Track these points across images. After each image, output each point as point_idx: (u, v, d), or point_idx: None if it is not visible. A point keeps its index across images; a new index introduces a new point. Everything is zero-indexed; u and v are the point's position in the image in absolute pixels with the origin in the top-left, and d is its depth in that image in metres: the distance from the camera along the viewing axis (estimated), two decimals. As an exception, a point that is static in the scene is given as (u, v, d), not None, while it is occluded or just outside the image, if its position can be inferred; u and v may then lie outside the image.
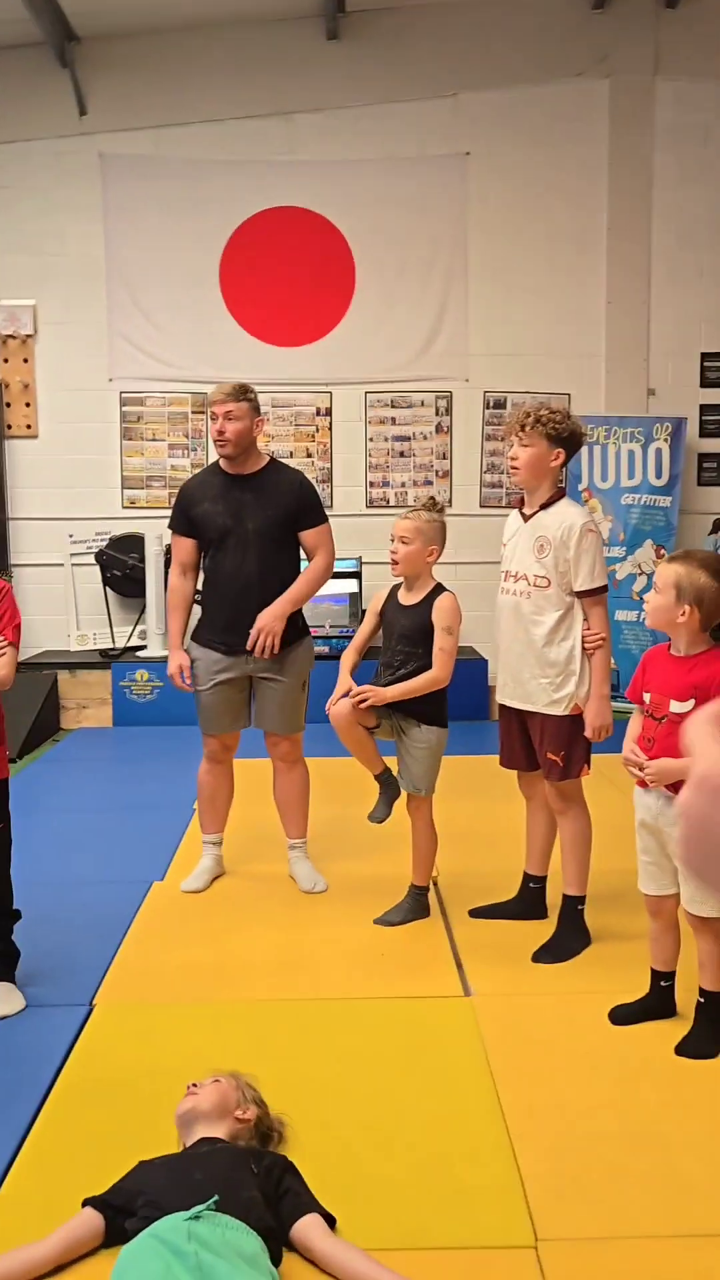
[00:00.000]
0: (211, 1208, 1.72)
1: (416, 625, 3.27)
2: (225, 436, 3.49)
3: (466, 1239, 1.90)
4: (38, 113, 7.04)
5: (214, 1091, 2.08)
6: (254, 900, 3.59)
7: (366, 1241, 1.84)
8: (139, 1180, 1.88)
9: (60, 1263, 1.81)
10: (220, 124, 7.12)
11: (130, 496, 7.33)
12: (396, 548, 3.30)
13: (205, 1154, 1.93)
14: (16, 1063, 2.53)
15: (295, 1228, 1.83)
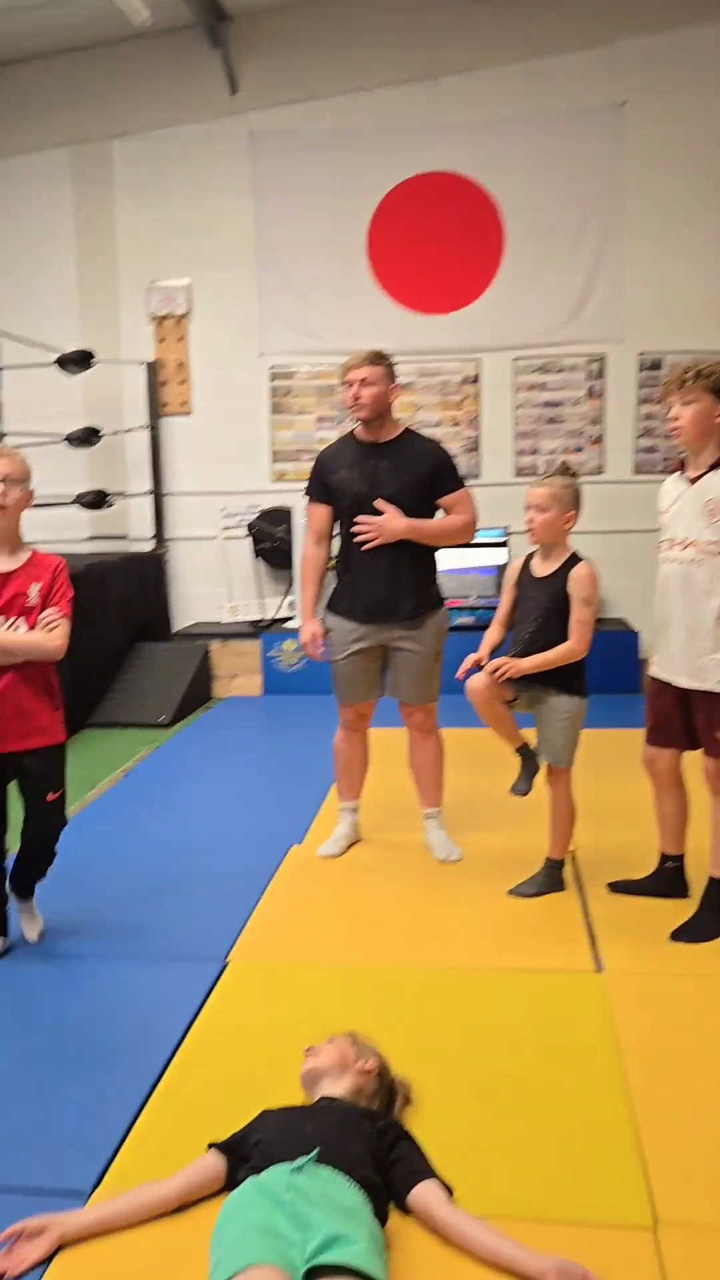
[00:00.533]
0: (313, 1160, 1.75)
1: (552, 596, 3.19)
2: (361, 401, 3.49)
3: (583, 1215, 1.86)
4: (190, 95, 7.20)
5: (332, 1050, 2.11)
6: (388, 867, 3.62)
7: (481, 1209, 1.83)
8: (258, 1129, 1.93)
9: (183, 1202, 1.88)
10: (366, 93, 7.08)
11: (279, 470, 7.46)
12: (533, 515, 3.21)
13: (321, 1108, 1.96)
14: (153, 1011, 2.63)
15: (414, 1193, 1.84)
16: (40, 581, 2.85)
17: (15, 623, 2.82)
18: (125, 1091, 2.27)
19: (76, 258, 7.48)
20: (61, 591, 2.88)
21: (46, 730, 2.89)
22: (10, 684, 2.81)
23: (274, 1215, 1.62)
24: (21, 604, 2.82)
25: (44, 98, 7.34)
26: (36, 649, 2.82)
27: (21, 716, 2.83)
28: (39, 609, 2.84)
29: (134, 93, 7.25)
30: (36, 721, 2.86)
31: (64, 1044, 2.50)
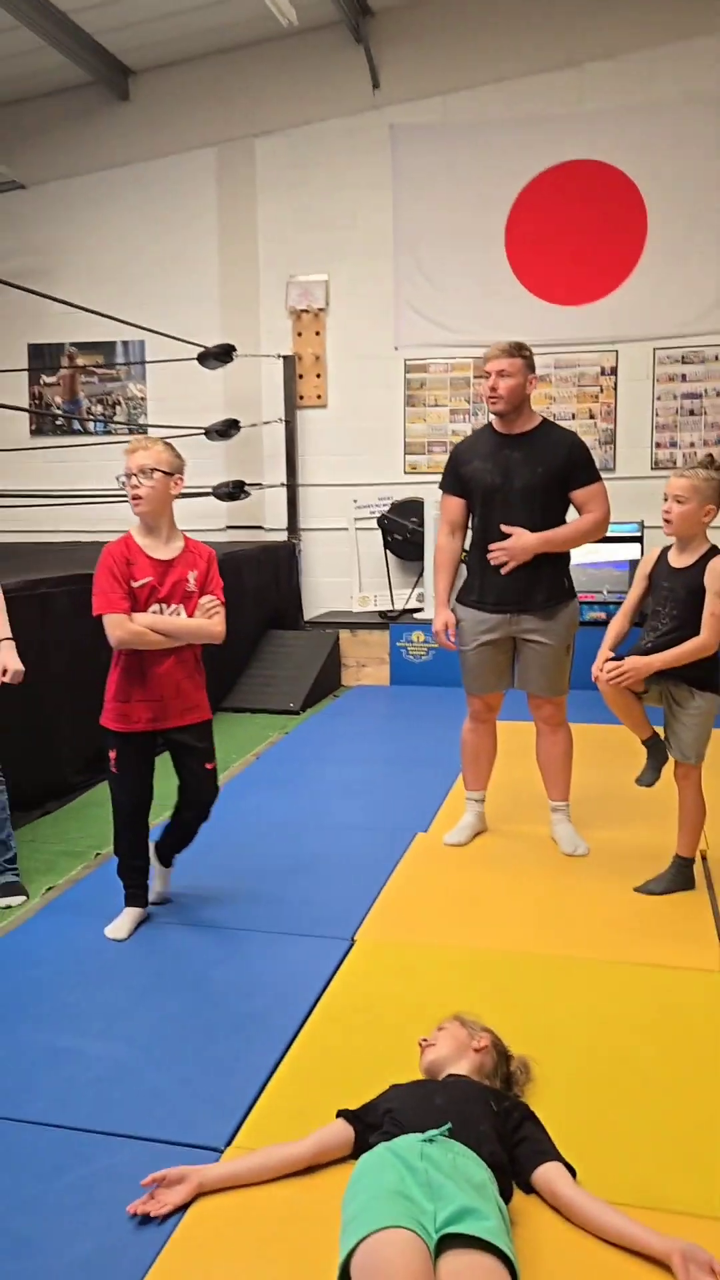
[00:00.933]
0: (445, 1133, 1.80)
1: (688, 588, 3.14)
2: (498, 393, 3.51)
3: (700, 1207, 1.87)
4: (332, 92, 7.30)
5: (446, 1037, 2.16)
6: (513, 858, 3.64)
7: (599, 1193, 1.85)
8: (388, 1100, 2.00)
9: (312, 1164, 1.96)
10: (508, 83, 7.05)
11: (411, 462, 7.52)
12: (670, 506, 3.17)
13: (449, 1084, 2.02)
14: (285, 982, 2.74)
15: (538, 1173, 1.87)
16: (197, 569, 3.03)
17: (176, 609, 2.99)
18: (257, 1056, 2.38)
19: (218, 255, 7.70)
20: (216, 579, 3.06)
21: (200, 707, 3.10)
22: (171, 666, 3.00)
23: (407, 1181, 1.68)
24: (182, 591, 3.00)
25: (191, 100, 7.58)
26: (201, 633, 3.00)
27: (180, 695, 3.03)
28: (197, 596, 3.00)
29: (277, 91, 7.41)
30: (193, 699, 3.07)
31: (201, 1008, 2.63)
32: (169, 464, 2.98)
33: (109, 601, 2.95)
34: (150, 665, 2.99)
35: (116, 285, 7.74)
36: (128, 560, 2.98)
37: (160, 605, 2.99)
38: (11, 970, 2.86)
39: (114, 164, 7.77)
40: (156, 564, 2.99)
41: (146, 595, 2.98)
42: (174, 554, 3.02)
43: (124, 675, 3.03)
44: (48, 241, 7.93)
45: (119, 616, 2.94)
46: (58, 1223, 1.86)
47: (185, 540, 3.08)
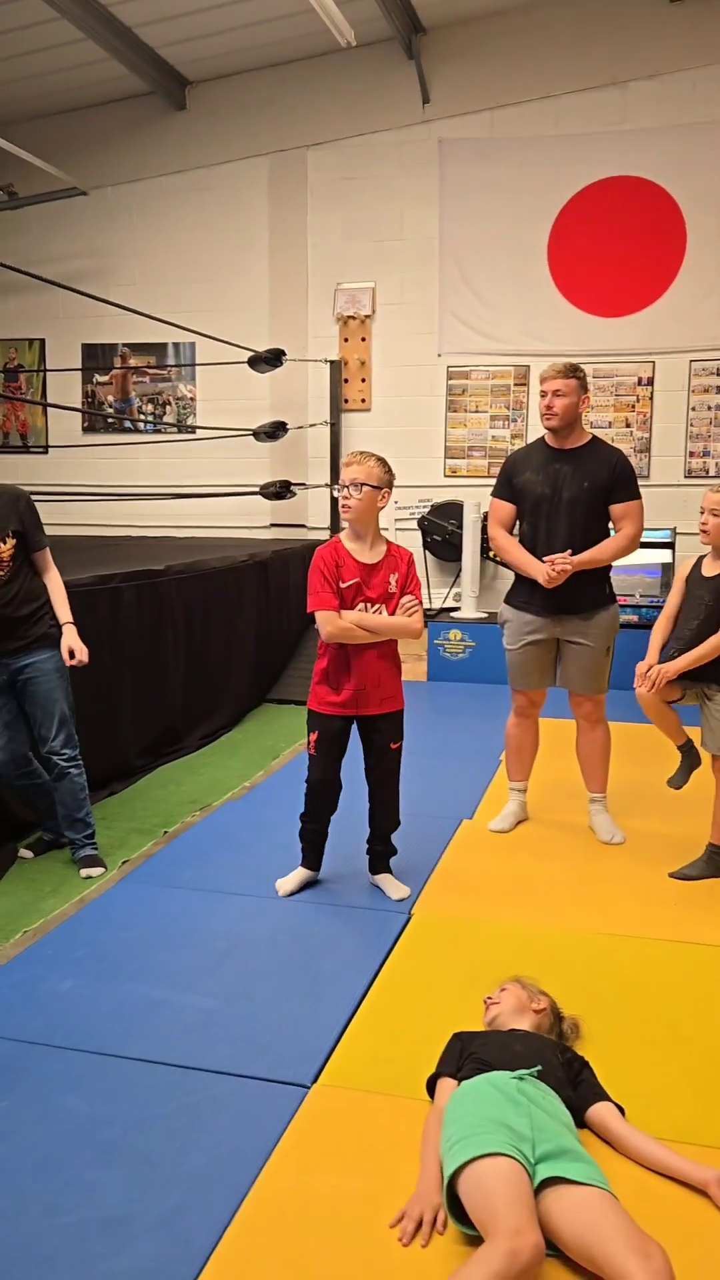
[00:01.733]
0: (534, 1074, 2.06)
1: (714, 594, 3.41)
2: (553, 410, 3.75)
3: (733, 1145, 2.13)
4: (383, 106, 7.56)
5: (508, 996, 2.42)
6: (554, 845, 3.90)
7: (644, 1130, 2.11)
8: (466, 1045, 2.24)
9: None
10: (555, 99, 7.28)
11: (452, 466, 7.77)
12: (708, 519, 3.42)
13: (522, 1035, 2.28)
14: (350, 950, 3.02)
15: (592, 1110, 2.13)
16: (397, 572, 3.32)
17: (378, 608, 3.29)
18: (332, 1010, 2.66)
19: (269, 261, 7.97)
20: (415, 580, 3.36)
21: (396, 697, 3.42)
22: (373, 659, 3.31)
23: (508, 1112, 1.92)
24: (384, 590, 3.29)
25: (246, 111, 7.85)
26: (404, 630, 3.31)
27: (380, 686, 3.34)
28: (397, 596, 3.30)
29: (330, 104, 7.67)
30: (391, 690, 3.39)
31: (277, 969, 2.91)
32: (378, 479, 3.27)
33: (321, 600, 3.26)
34: (354, 657, 3.30)
35: (169, 289, 8.04)
36: (337, 563, 3.28)
37: (365, 604, 3.28)
38: (103, 932, 3.14)
39: (170, 172, 8.06)
40: (362, 567, 3.28)
41: (353, 595, 3.27)
42: (378, 558, 3.31)
43: (331, 665, 3.34)
44: (104, 246, 8.23)
45: (329, 613, 3.25)
46: (172, 1141, 2.14)
47: (388, 545, 3.36)
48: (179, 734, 5.39)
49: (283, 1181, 2.01)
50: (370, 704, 3.34)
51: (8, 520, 3.51)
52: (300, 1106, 2.25)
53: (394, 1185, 1.99)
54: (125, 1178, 2.03)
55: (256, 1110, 2.24)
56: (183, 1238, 1.86)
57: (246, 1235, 1.87)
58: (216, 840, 3.96)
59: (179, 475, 7.89)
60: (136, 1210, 1.94)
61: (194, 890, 3.46)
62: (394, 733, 3.44)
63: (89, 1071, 2.39)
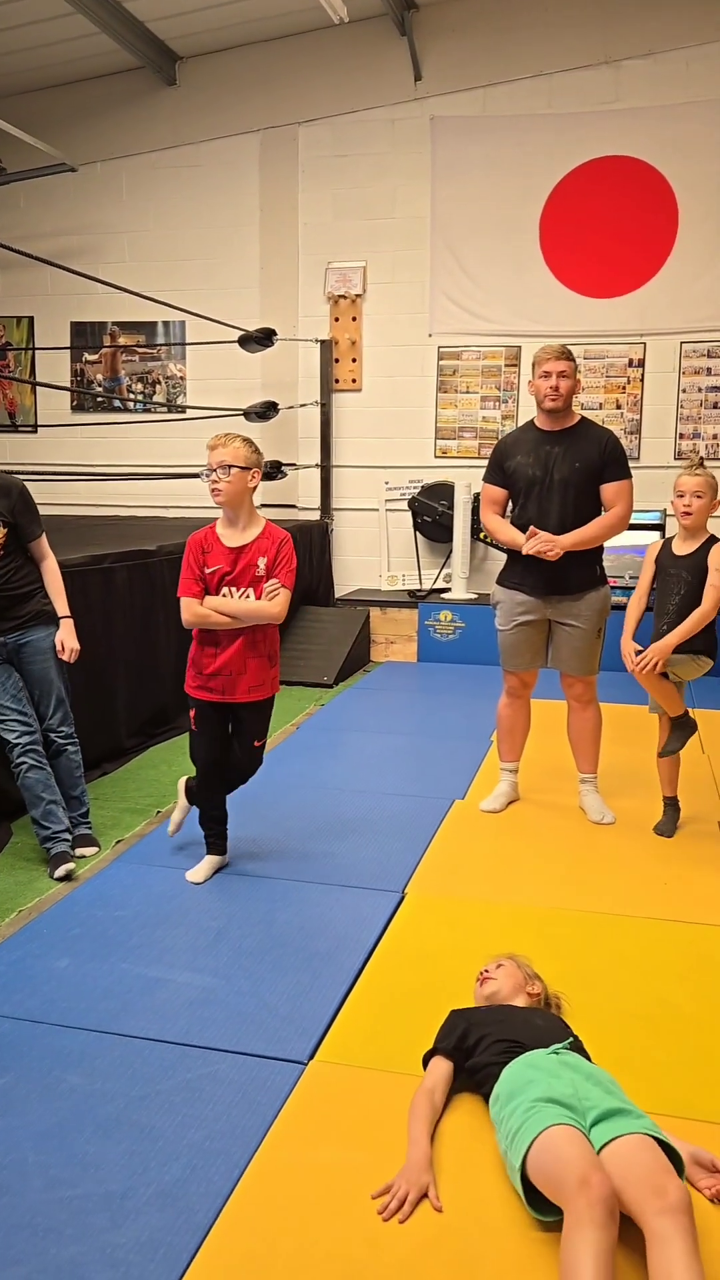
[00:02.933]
0: (568, 1046, 2.10)
1: (695, 570, 3.54)
2: (560, 392, 3.75)
3: (724, 1118, 2.17)
4: (375, 82, 7.50)
5: (507, 974, 2.45)
6: (545, 824, 3.94)
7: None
8: (469, 1024, 2.24)
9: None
10: (547, 77, 7.24)
11: (442, 446, 7.76)
12: (690, 502, 3.55)
13: (529, 1011, 2.30)
14: (345, 929, 3.05)
15: None
16: (267, 555, 3.27)
17: (245, 592, 3.25)
18: (328, 988, 2.69)
19: (259, 239, 7.92)
20: (284, 563, 3.28)
21: (264, 685, 3.36)
22: (240, 647, 3.27)
23: (555, 1088, 1.94)
24: (251, 574, 3.25)
25: (236, 86, 7.77)
26: (259, 615, 3.25)
27: (247, 674, 3.30)
28: (266, 579, 3.25)
29: (322, 80, 7.60)
30: (258, 679, 3.33)
31: (272, 948, 2.94)
32: (246, 459, 3.23)
33: (183, 586, 3.27)
34: (222, 643, 3.28)
35: (159, 266, 7.98)
36: (204, 549, 3.27)
37: (229, 589, 3.25)
38: (98, 911, 3.17)
39: (160, 148, 7.98)
40: (229, 551, 3.26)
41: (218, 580, 3.25)
42: (247, 540, 3.27)
43: (198, 648, 3.34)
44: (93, 222, 8.15)
45: (187, 600, 3.26)
46: (172, 1115, 2.17)
47: (265, 526, 3.33)
48: (170, 714, 5.39)
49: (282, 1155, 2.05)
50: (237, 691, 3.30)
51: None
52: (298, 1082, 2.28)
53: (391, 1159, 2.02)
54: (126, 1152, 2.06)
55: (255, 1086, 2.27)
56: (183, 1210, 1.89)
57: (246, 1207, 1.90)
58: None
59: (169, 455, 7.86)
60: (137, 1184, 1.97)
61: (188, 869, 3.48)
62: (258, 728, 3.41)
63: (89, 1048, 2.42)
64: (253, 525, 3.31)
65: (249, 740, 3.43)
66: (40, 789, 3.55)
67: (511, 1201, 1.91)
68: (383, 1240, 1.82)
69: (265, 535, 3.30)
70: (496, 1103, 2.04)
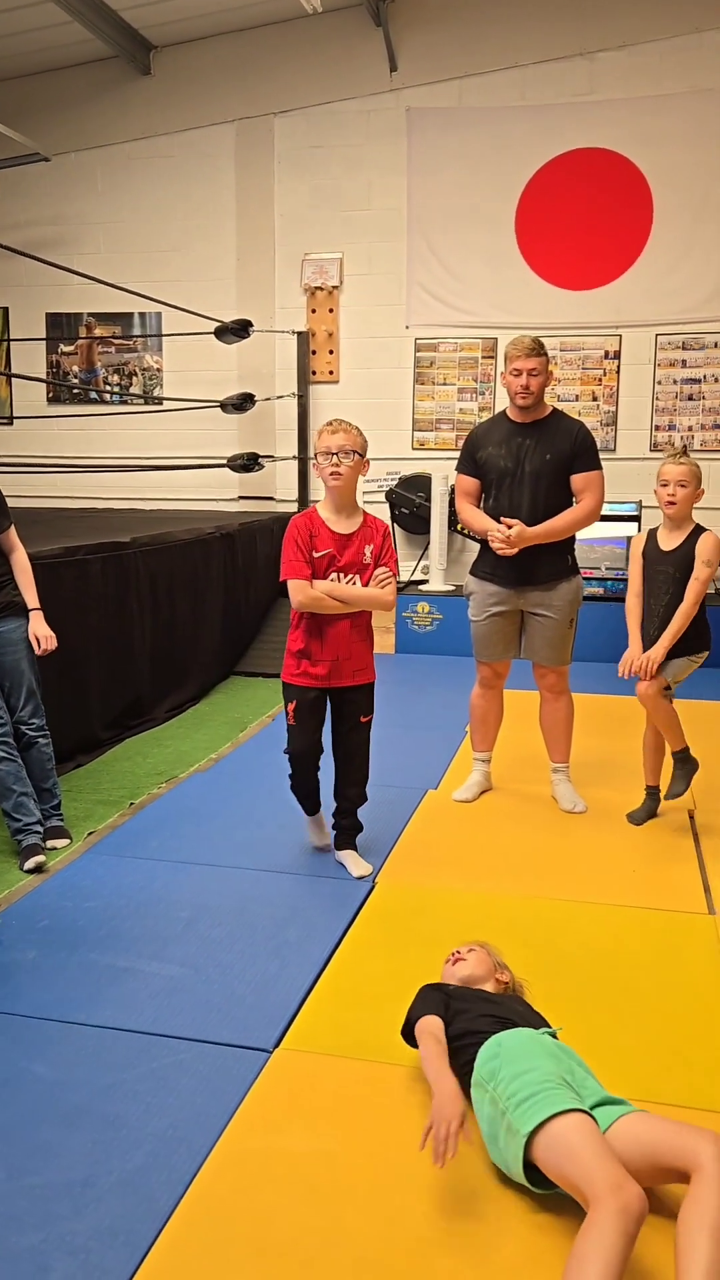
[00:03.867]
0: (554, 1033, 2.12)
1: (678, 566, 3.53)
2: (530, 390, 3.75)
3: (688, 1100, 2.19)
4: (350, 73, 7.48)
5: (478, 960, 2.46)
6: (517, 814, 3.96)
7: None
8: (448, 996, 2.25)
9: None
10: (521, 69, 7.24)
11: (420, 438, 7.77)
12: (674, 491, 3.52)
13: (510, 998, 2.31)
14: (314, 917, 3.06)
15: None
16: (372, 544, 3.30)
17: (352, 579, 3.28)
18: (296, 975, 2.70)
19: (235, 230, 7.89)
20: (390, 552, 3.33)
21: (369, 669, 3.41)
22: (346, 630, 3.30)
23: (561, 1066, 1.97)
24: (359, 562, 3.28)
25: (212, 76, 7.74)
26: (376, 601, 3.29)
27: (353, 657, 3.34)
28: (372, 567, 3.28)
29: (297, 71, 7.58)
30: (363, 662, 3.38)
31: (241, 937, 2.94)
32: (362, 447, 3.26)
33: (293, 568, 3.25)
34: (327, 628, 3.29)
35: (135, 257, 7.94)
36: (311, 533, 3.26)
37: (339, 574, 3.26)
38: (68, 902, 3.16)
39: (135, 138, 7.94)
40: (337, 537, 3.26)
41: (326, 565, 3.26)
42: (353, 528, 3.29)
43: (304, 636, 3.32)
44: (68, 213, 8.11)
45: (300, 582, 3.24)
46: (136, 1104, 2.17)
47: (365, 516, 3.35)
48: (146, 706, 5.39)
49: (245, 1142, 2.05)
50: (344, 676, 3.34)
51: None
52: (263, 1069, 2.28)
53: (356, 1144, 2.03)
54: (90, 1141, 2.06)
55: (220, 1074, 2.27)
56: (145, 1198, 1.90)
57: (208, 1194, 1.91)
58: (182, 812, 3.98)
59: (145, 447, 7.83)
60: (100, 1172, 1.97)
61: (159, 861, 3.48)
62: (365, 705, 3.44)
63: (54, 1039, 2.42)
64: (356, 513, 3.34)
65: (358, 716, 3.43)
66: (11, 781, 3.54)
67: (478, 1179, 1.92)
68: (346, 1225, 1.83)
69: (369, 525, 3.34)
70: (494, 1061, 2.01)
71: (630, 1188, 1.70)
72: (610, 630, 4.65)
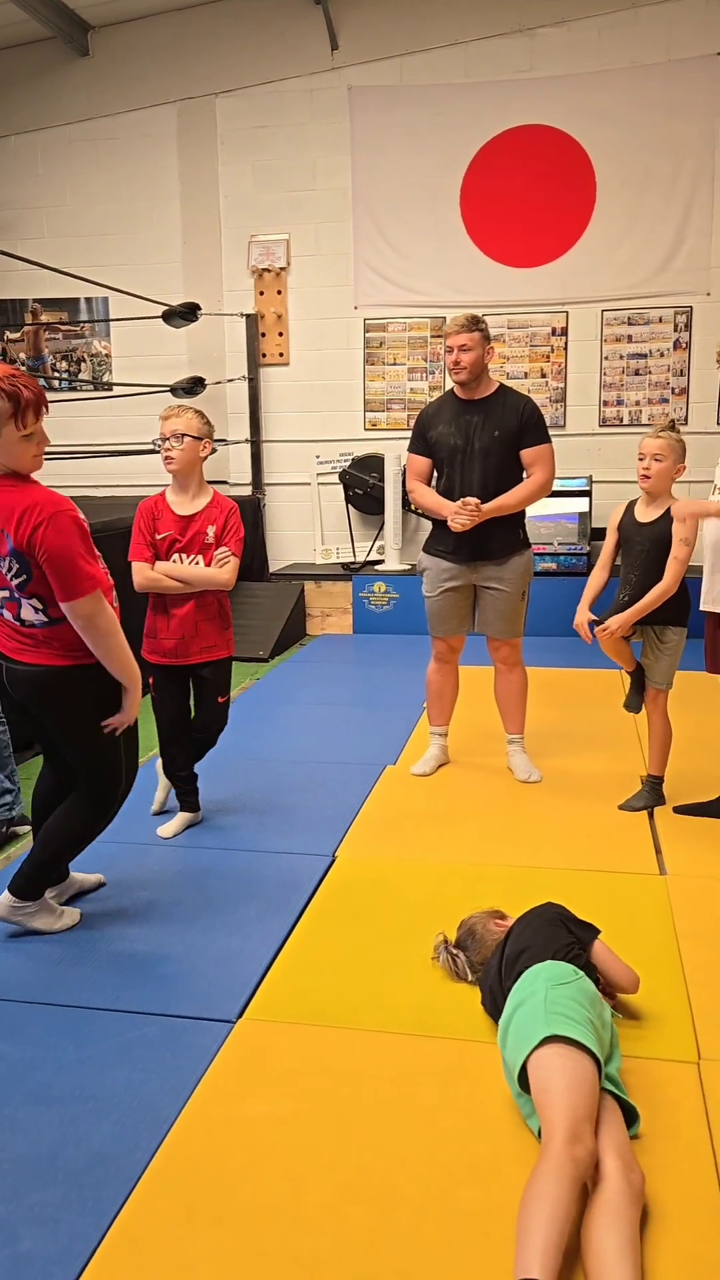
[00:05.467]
0: None
1: (653, 541, 3.53)
2: (461, 365, 3.80)
3: (641, 1051, 2.26)
4: (292, 52, 7.43)
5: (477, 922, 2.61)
6: (474, 785, 4.02)
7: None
8: None
9: None
10: (462, 46, 7.24)
11: (371, 419, 7.79)
12: (649, 465, 3.51)
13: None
14: (275, 892, 3.09)
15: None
16: (216, 523, 3.37)
17: (195, 559, 3.35)
18: (257, 948, 2.74)
19: (181, 213, 7.83)
20: (233, 531, 3.40)
21: (219, 646, 3.48)
22: (190, 610, 3.39)
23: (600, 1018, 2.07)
24: (200, 542, 3.36)
25: (152, 56, 7.65)
26: (210, 581, 3.37)
27: (200, 635, 3.41)
28: (215, 546, 3.35)
29: (237, 50, 7.52)
30: (211, 639, 3.45)
31: (203, 912, 2.97)
32: (198, 429, 3.34)
33: (133, 551, 3.36)
34: (173, 608, 3.39)
35: (79, 241, 7.85)
36: (154, 515, 3.36)
37: (179, 555, 3.34)
38: (29, 886, 3.16)
39: (75, 120, 7.83)
40: (179, 519, 3.35)
41: (167, 546, 3.35)
42: (197, 509, 3.37)
43: (152, 615, 3.45)
44: (9, 197, 7.99)
45: (139, 564, 3.37)
46: (101, 1078, 2.19)
47: (213, 495, 3.42)
48: (104, 693, 5.36)
49: (210, 1109, 2.09)
50: (191, 653, 3.44)
51: None
52: (226, 1039, 2.32)
53: (318, 1108, 2.08)
54: (57, 1116, 2.08)
55: (183, 1046, 2.31)
56: (112, 1167, 1.93)
57: (174, 1161, 1.94)
58: (135, 794, 3.98)
59: (96, 433, 7.77)
60: (68, 1144, 2.00)
61: (117, 843, 3.48)
62: (220, 684, 3.53)
63: (20, 1018, 2.44)
64: (202, 494, 3.41)
65: (213, 697, 3.55)
66: None
67: (439, 1142, 1.98)
68: (307, 1186, 1.88)
69: (214, 504, 3.41)
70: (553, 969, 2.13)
71: (588, 1142, 1.77)
72: (563, 605, 4.72)
